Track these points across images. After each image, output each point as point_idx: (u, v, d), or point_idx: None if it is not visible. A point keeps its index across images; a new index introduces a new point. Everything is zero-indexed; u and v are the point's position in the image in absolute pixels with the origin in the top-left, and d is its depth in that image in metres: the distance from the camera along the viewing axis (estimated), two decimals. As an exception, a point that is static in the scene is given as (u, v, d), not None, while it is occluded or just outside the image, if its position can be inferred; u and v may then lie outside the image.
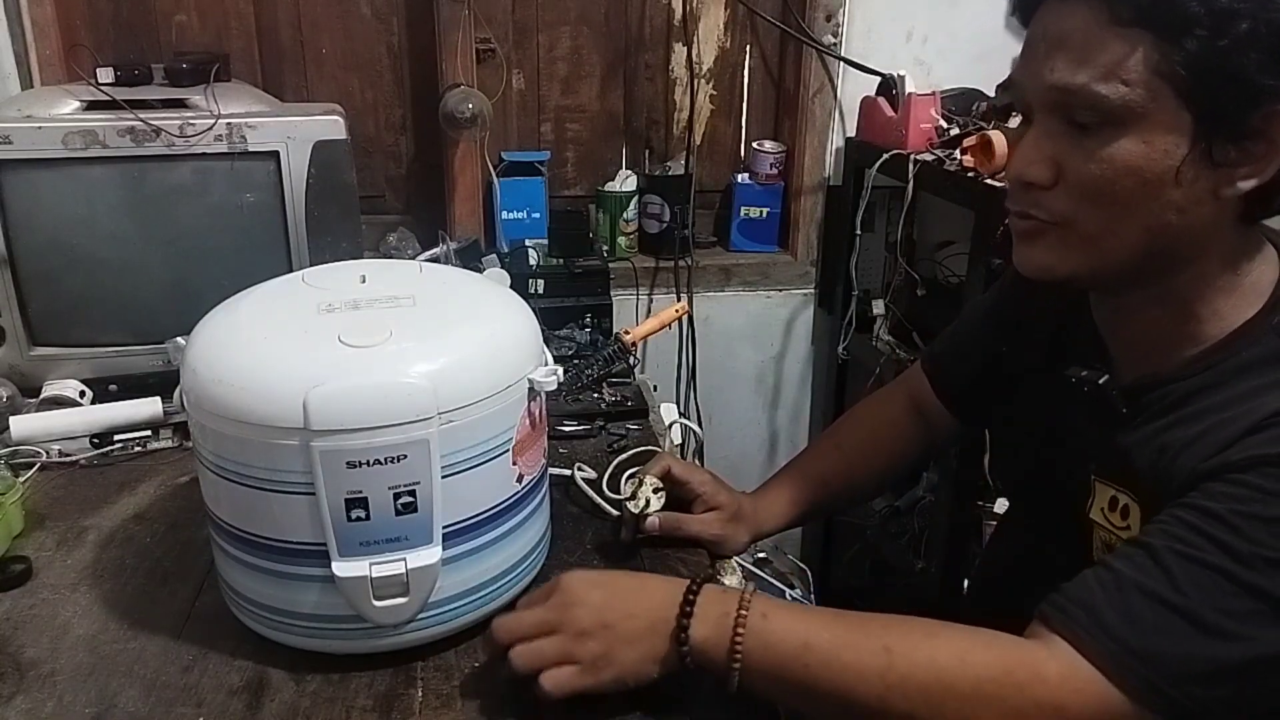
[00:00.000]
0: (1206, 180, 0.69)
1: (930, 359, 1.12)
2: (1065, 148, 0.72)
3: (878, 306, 1.93)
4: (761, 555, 2.06)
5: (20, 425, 1.15)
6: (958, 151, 1.59)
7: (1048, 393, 0.89)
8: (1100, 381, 0.81)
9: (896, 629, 0.71)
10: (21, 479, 1.05)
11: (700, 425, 2.06)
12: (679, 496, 1.01)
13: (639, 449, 1.14)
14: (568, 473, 1.07)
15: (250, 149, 1.27)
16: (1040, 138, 0.74)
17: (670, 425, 1.27)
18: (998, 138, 1.49)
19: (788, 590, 1.99)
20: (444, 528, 0.77)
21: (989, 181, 1.49)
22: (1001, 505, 1.65)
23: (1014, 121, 1.56)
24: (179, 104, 1.30)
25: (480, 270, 1.54)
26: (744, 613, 0.72)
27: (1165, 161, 0.69)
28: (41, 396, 1.24)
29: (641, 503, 0.96)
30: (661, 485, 0.98)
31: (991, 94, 1.78)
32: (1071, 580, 0.71)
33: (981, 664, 0.68)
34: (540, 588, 0.78)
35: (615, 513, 1.00)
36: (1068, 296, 0.88)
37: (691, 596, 0.73)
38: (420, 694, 0.78)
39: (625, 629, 0.73)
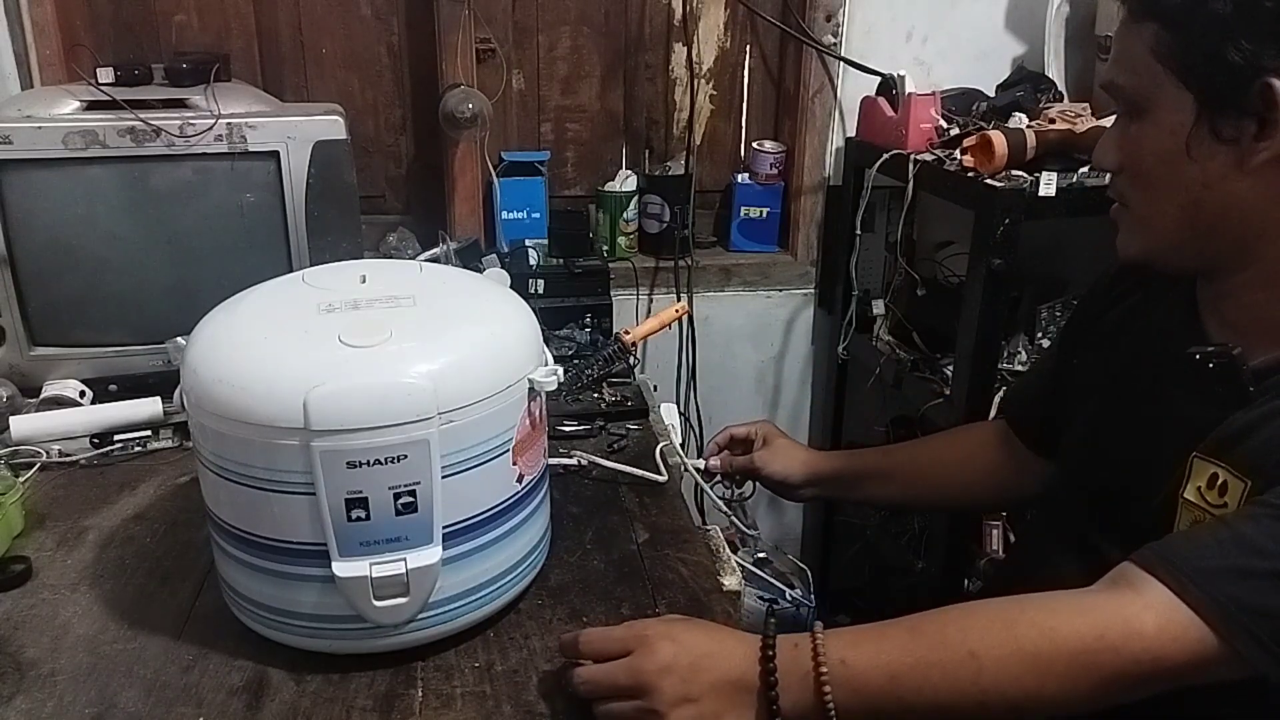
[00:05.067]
0: (1225, 155, 0.74)
1: (1005, 403, 1.16)
2: (1119, 136, 0.82)
3: (878, 306, 1.93)
4: (762, 555, 2.06)
5: (20, 425, 1.15)
6: (958, 151, 1.58)
7: (1138, 382, 0.89)
8: (1235, 352, 0.79)
9: (976, 629, 0.70)
10: (21, 479, 1.05)
11: (700, 425, 2.06)
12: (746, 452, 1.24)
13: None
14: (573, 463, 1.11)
15: (250, 149, 1.27)
16: (1112, 128, 0.84)
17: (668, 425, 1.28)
18: (997, 138, 1.49)
19: (788, 590, 1.99)
20: (444, 528, 0.78)
21: (989, 181, 1.49)
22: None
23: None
24: (179, 104, 1.30)
25: (480, 270, 1.53)
26: (823, 669, 0.69)
27: (1174, 139, 0.76)
28: (41, 396, 1.24)
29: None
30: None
31: (991, 94, 1.78)
32: (1174, 533, 0.72)
33: (1072, 635, 0.67)
34: (620, 630, 0.76)
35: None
36: (1143, 290, 0.93)
37: (771, 654, 0.71)
38: (420, 694, 0.78)
39: (710, 706, 0.71)
